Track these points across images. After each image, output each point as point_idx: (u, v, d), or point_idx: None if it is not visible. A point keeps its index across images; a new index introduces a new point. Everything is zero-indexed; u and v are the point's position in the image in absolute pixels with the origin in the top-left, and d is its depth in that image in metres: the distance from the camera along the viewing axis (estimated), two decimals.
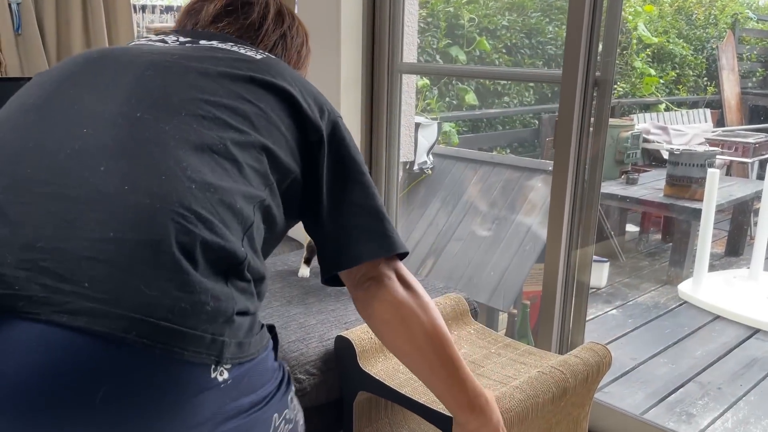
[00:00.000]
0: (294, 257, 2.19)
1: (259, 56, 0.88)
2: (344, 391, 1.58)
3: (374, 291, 0.86)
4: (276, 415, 0.76)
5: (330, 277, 0.90)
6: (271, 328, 0.81)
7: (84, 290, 0.57)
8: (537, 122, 5.93)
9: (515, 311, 2.60)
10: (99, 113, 0.71)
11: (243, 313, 0.69)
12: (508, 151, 5.53)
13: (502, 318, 2.79)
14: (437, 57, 5.07)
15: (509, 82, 5.63)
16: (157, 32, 0.94)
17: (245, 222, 0.72)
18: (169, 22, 3.82)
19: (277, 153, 0.79)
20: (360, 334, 1.56)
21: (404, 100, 2.63)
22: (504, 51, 5.60)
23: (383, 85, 2.52)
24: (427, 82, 4.54)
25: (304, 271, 1.97)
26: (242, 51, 0.88)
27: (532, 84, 5.80)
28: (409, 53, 2.62)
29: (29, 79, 2.38)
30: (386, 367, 1.53)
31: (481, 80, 5.35)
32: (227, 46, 0.89)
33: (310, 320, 1.67)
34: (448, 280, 2.84)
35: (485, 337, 1.71)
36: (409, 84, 2.67)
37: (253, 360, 0.70)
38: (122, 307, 0.58)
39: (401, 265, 0.90)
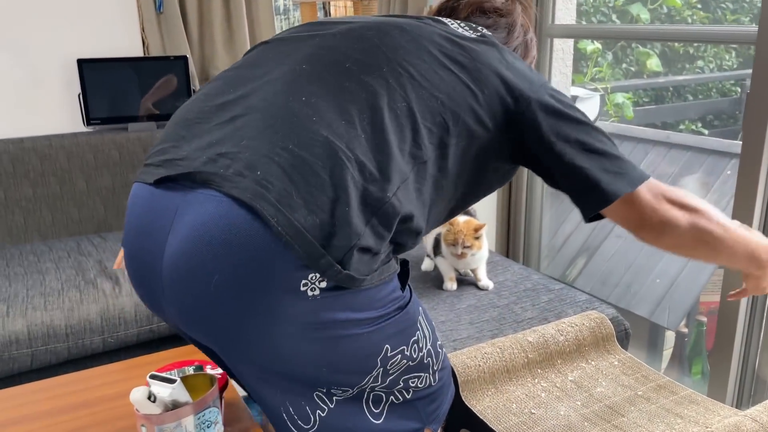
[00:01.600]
0: (417, 249, 1.98)
1: (476, 35, 0.98)
2: (445, 425, 1.32)
3: (652, 228, 0.91)
4: (388, 346, 0.86)
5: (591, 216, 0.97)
6: (404, 263, 0.93)
7: (256, 177, 0.78)
8: (739, 90, 5.08)
9: (686, 330, 2.13)
10: (322, 57, 0.90)
11: (364, 249, 0.80)
12: (700, 124, 4.76)
13: (669, 336, 2.29)
14: (614, 17, 4.46)
15: (704, 43, 4.84)
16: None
17: (402, 176, 0.84)
18: None
19: (465, 119, 0.89)
20: (465, 359, 1.29)
21: (557, 69, 2.25)
22: (699, 6, 4.81)
23: None
24: (599, 46, 3.99)
25: (428, 264, 1.87)
26: (463, 30, 0.98)
27: (734, 45, 4.94)
28: (566, 13, 2.23)
29: (167, 58, 2.40)
30: (495, 404, 1.24)
31: (670, 42, 4.64)
32: (455, 24, 1.01)
33: None
34: (602, 285, 2.41)
35: (633, 373, 1.34)
36: (565, 50, 2.27)
37: (358, 290, 0.81)
38: (275, 197, 0.77)
39: (662, 186, 0.93)
